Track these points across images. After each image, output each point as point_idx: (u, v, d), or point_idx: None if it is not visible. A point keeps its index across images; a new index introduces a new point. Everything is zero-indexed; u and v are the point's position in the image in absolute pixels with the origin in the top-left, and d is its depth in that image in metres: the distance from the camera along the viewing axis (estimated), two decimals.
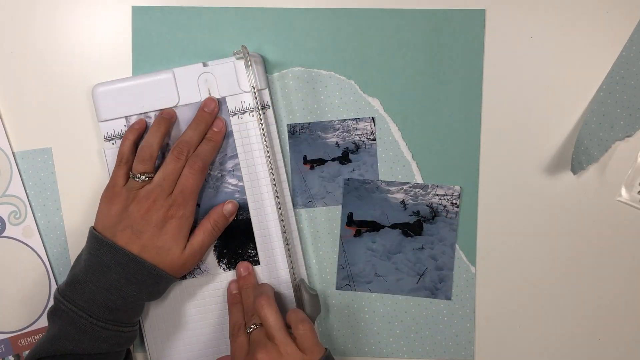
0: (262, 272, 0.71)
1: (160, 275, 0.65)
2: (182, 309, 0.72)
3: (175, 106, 0.70)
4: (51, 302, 0.68)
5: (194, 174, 0.66)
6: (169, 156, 0.67)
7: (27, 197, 0.72)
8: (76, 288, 0.63)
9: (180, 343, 0.72)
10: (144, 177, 0.66)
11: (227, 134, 0.71)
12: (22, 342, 0.73)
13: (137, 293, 0.64)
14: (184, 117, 0.70)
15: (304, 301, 0.70)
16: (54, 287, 0.73)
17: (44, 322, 0.73)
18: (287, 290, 0.71)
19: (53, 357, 0.63)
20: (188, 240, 0.67)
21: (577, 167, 0.70)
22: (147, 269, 0.64)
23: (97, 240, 0.65)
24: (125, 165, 0.67)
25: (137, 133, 0.69)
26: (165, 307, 0.72)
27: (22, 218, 0.72)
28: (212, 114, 0.69)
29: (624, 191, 0.71)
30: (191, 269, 0.70)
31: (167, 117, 0.69)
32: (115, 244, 0.64)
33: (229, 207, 0.70)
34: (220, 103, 0.70)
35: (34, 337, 0.73)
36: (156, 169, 0.67)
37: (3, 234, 0.72)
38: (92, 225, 0.67)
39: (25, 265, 0.73)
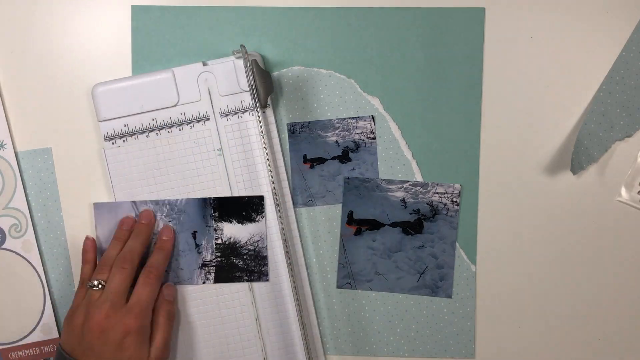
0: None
1: None
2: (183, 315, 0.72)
3: (175, 105, 0.70)
4: (44, 319, 0.71)
5: (149, 283, 0.66)
6: (114, 267, 0.66)
7: (30, 212, 0.73)
8: None
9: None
10: (99, 284, 0.66)
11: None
12: (13, 355, 0.73)
13: None
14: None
15: (256, 78, 0.68)
16: (49, 303, 0.73)
17: (35, 337, 0.73)
18: (287, 289, 0.72)
19: None
20: (150, 344, 0.66)
21: (577, 167, 0.70)
22: None
23: (62, 357, 0.64)
24: (86, 285, 0.68)
25: (94, 254, 0.71)
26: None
27: (22, 232, 0.72)
28: (149, 225, 0.70)
29: (623, 191, 0.71)
30: None
31: (127, 229, 0.70)
32: None
33: (169, 292, 0.70)
34: (154, 216, 0.71)
35: (24, 351, 0.73)
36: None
37: (3, 246, 0.72)
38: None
39: (22, 279, 0.73)
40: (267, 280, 0.71)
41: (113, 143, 0.71)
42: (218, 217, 0.71)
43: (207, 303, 0.72)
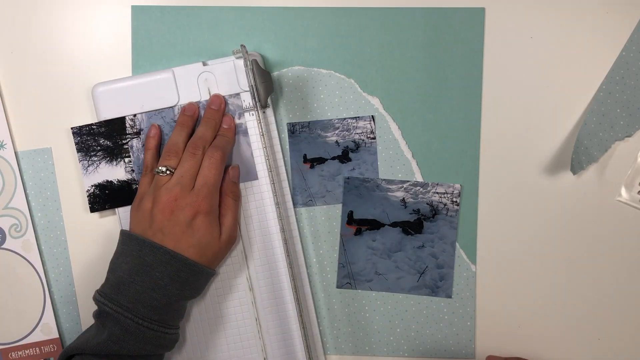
0: (262, 272, 0.72)
1: (201, 272, 0.66)
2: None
3: (175, 105, 0.70)
4: (44, 319, 0.70)
5: (214, 164, 0.66)
6: (184, 154, 0.67)
7: (30, 212, 0.73)
8: (120, 289, 0.63)
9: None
10: (167, 171, 0.66)
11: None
12: (13, 355, 0.73)
13: (180, 291, 0.64)
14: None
15: (256, 78, 0.69)
16: (49, 303, 0.73)
17: (36, 337, 0.73)
18: (287, 289, 0.72)
19: (96, 355, 0.62)
20: (220, 224, 0.68)
21: (577, 167, 0.70)
22: (189, 266, 0.64)
23: (138, 242, 0.65)
24: (151, 172, 0.68)
25: (156, 140, 0.70)
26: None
27: (22, 232, 0.72)
28: (219, 110, 0.70)
29: (623, 191, 0.71)
30: (231, 247, 0.71)
31: (190, 115, 0.69)
32: (156, 243, 0.64)
33: (234, 173, 0.70)
34: (225, 100, 0.70)
35: (24, 351, 0.73)
36: None
37: (3, 246, 0.73)
38: (124, 228, 0.68)
39: (22, 279, 0.73)
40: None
41: None
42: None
43: (208, 303, 0.72)
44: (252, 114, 0.71)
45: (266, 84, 0.68)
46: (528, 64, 0.71)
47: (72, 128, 0.70)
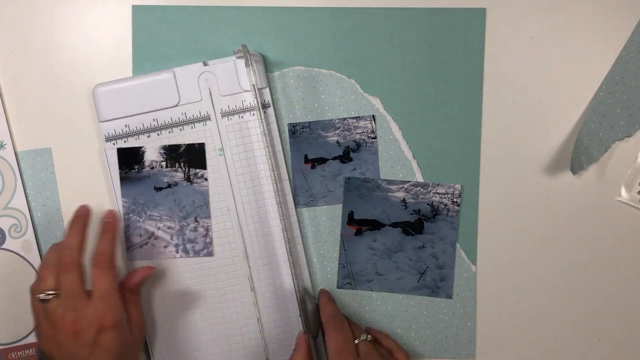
0: (263, 272, 0.71)
1: None
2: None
3: (175, 105, 0.70)
4: None
5: (106, 274, 0.63)
6: (58, 273, 0.63)
7: (30, 212, 0.72)
8: None
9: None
10: (49, 295, 0.62)
11: None
12: (13, 355, 0.73)
13: None
14: None
15: (308, 312, 0.70)
16: None
17: (35, 337, 0.72)
18: (288, 289, 0.72)
19: None
20: (129, 324, 0.65)
21: (577, 167, 0.70)
22: None
23: None
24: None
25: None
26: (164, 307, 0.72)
27: (22, 232, 0.72)
28: (86, 215, 0.67)
29: (623, 191, 0.71)
30: (143, 337, 0.69)
31: (80, 220, 0.67)
32: None
33: (137, 279, 0.68)
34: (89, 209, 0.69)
35: (24, 351, 0.73)
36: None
37: (3, 246, 0.72)
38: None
39: (22, 279, 0.72)
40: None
41: (114, 144, 0.71)
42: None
43: (209, 303, 0.72)
44: (254, 114, 0.71)
45: (314, 318, 0.70)
46: (528, 64, 0.71)
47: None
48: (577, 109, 0.71)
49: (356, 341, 0.66)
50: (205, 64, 0.70)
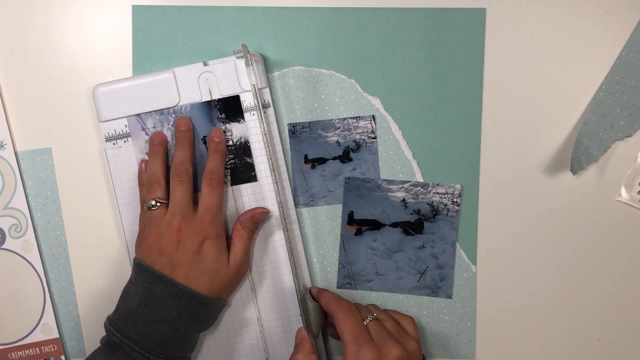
0: (264, 272, 0.71)
1: (210, 304, 0.65)
2: None
3: (175, 106, 0.70)
4: (44, 319, 0.71)
5: (214, 191, 0.66)
6: (172, 183, 0.67)
7: (30, 212, 0.72)
8: (129, 321, 0.63)
9: None
10: (157, 204, 0.66)
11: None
12: (13, 355, 0.73)
13: (188, 325, 0.64)
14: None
15: (309, 311, 0.70)
16: (49, 303, 0.73)
17: (35, 337, 0.73)
18: (288, 289, 0.72)
19: None
20: (229, 252, 0.67)
21: (576, 167, 0.70)
22: (197, 299, 0.64)
23: (148, 274, 0.64)
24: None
25: (147, 173, 0.69)
26: None
27: (22, 232, 0.72)
28: (189, 130, 0.69)
29: (623, 191, 0.71)
30: (242, 279, 0.70)
31: (158, 143, 0.69)
32: (166, 276, 0.63)
33: (260, 215, 0.69)
34: (190, 118, 0.70)
35: (24, 351, 0.73)
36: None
37: (2, 246, 0.72)
38: (135, 255, 0.68)
39: (22, 279, 0.73)
40: None
41: (114, 144, 0.71)
42: (225, 119, 0.71)
43: None
44: (254, 114, 0.71)
45: (318, 315, 0.70)
46: (528, 64, 0.71)
47: None
48: (577, 109, 0.71)
49: (365, 322, 0.65)
50: (205, 64, 0.70)
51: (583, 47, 0.71)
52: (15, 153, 0.72)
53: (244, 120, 0.71)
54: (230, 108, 0.70)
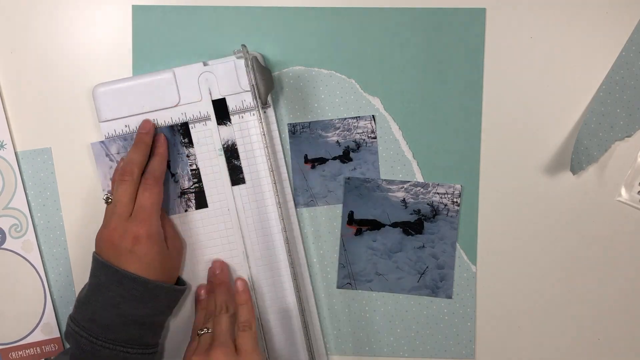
0: (263, 272, 0.71)
1: (156, 287, 0.65)
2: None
3: (176, 105, 0.70)
4: (45, 319, 0.71)
5: (149, 189, 0.66)
6: (115, 182, 0.67)
7: (30, 212, 0.73)
8: (80, 310, 0.64)
9: None
10: (108, 199, 0.67)
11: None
12: (13, 355, 0.73)
13: (136, 310, 0.64)
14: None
15: (256, 76, 0.68)
16: (49, 303, 0.73)
17: (36, 337, 0.73)
18: (288, 289, 0.72)
19: None
20: (165, 237, 0.68)
21: (576, 167, 0.70)
22: (141, 283, 0.64)
23: (96, 262, 0.65)
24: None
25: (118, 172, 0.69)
26: None
27: (22, 232, 0.72)
28: (149, 134, 0.69)
29: (623, 191, 0.71)
30: (182, 253, 0.71)
31: (145, 132, 0.70)
32: (110, 263, 0.64)
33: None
34: (155, 124, 0.71)
35: (25, 351, 0.73)
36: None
37: (3, 246, 0.72)
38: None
39: (22, 279, 0.73)
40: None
41: None
42: (188, 143, 0.71)
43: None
44: (253, 114, 0.71)
45: (266, 81, 0.68)
46: (528, 64, 0.71)
47: None
48: (577, 109, 0.71)
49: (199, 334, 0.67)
50: (205, 64, 0.70)
51: (583, 47, 0.71)
52: (15, 153, 0.72)
53: (230, 123, 0.71)
54: (217, 110, 0.71)
